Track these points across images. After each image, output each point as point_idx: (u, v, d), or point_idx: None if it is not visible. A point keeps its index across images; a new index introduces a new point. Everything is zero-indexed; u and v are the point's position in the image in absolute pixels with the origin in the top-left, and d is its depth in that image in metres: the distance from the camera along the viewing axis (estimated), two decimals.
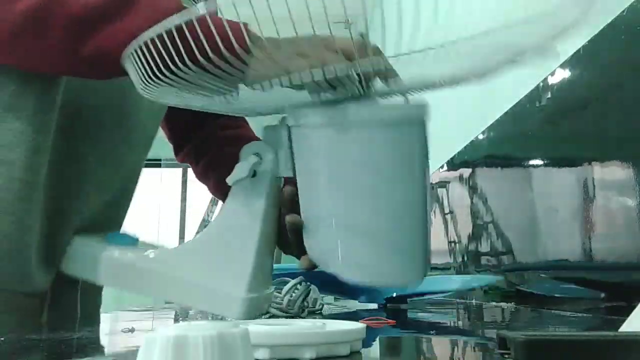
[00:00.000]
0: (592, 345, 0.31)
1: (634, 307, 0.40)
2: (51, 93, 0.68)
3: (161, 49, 0.50)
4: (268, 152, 0.66)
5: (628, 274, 0.71)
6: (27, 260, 0.66)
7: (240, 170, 0.64)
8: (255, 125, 0.84)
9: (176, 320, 0.87)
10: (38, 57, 0.62)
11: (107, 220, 0.79)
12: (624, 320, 0.40)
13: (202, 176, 0.94)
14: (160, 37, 0.49)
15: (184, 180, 6.44)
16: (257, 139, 0.77)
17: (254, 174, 0.66)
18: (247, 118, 0.94)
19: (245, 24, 0.53)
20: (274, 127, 0.66)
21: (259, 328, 0.39)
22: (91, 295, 0.82)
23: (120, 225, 0.84)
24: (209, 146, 0.92)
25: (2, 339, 0.54)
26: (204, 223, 4.71)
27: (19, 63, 0.65)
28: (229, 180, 0.64)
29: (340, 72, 0.54)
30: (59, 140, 0.70)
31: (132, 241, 0.73)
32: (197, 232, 3.51)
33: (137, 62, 0.51)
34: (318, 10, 0.50)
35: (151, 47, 0.49)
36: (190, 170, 0.98)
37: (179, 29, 0.49)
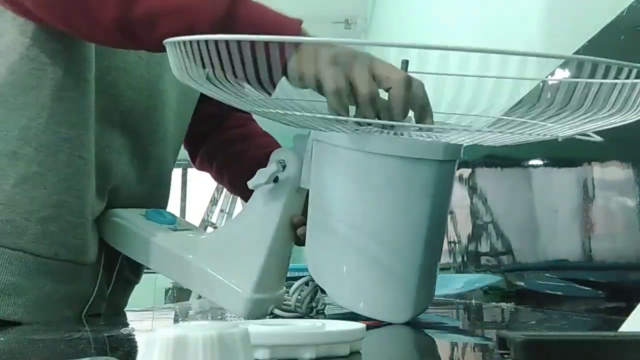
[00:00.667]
0: (592, 345, 0.31)
1: (634, 307, 0.40)
2: (91, 73, 0.71)
3: (202, 52, 0.50)
4: (293, 160, 0.67)
5: (628, 274, 0.71)
6: (85, 233, 0.70)
7: (259, 177, 0.66)
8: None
9: (176, 320, 0.87)
10: (90, 19, 0.62)
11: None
12: (624, 320, 0.40)
13: (217, 177, 0.98)
14: (206, 42, 0.49)
15: (184, 180, 6.44)
16: (266, 133, 0.77)
17: (276, 180, 0.67)
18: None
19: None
20: (303, 137, 0.67)
21: (258, 328, 0.39)
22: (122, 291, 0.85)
23: None
24: (219, 148, 0.96)
25: (2, 339, 0.54)
26: (204, 223, 4.71)
27: (74, 27, 0.65)
28: (250, 184, 0.67)
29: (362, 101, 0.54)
30: (95, 124, 0.73)
31: (169, 220, 0.77)
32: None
33: (179, 52, 0.52)
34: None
35: (195, 48, 0.49)
36: (190, 171, 1.00)
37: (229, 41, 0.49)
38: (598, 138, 0.58)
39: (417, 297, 0.62)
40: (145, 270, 0.80)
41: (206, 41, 0.48)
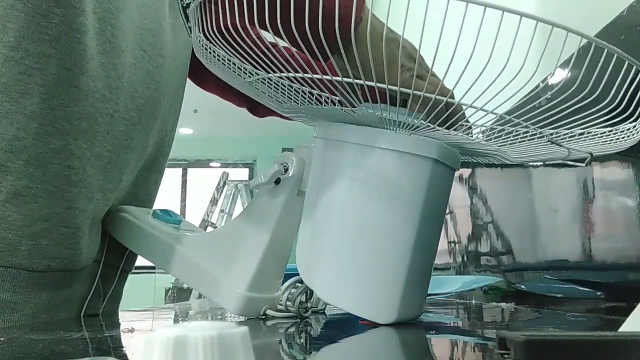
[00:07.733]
0: (592, 345, 0.31)
1: (634, 307, 0.40)
2: (81, 78, 0.68)
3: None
4: (296, 163, 0.69)
5: (628, 274, 0.71)
6: (78, 242, 0.69)
7: (260, 177, 0.68)
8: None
9: (176, 320, 0.87)
10: None
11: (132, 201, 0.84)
12: (624, 320, 0.40)
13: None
14: None
15: (184, 180, 6.44)
16: None
17: (277, 181, 0.68)
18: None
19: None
20: (306, 146, 0.69)
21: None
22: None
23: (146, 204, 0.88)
24: None
25: (2, 339, 0.54)
26: (204, 223, 4.72)
27: None
28: (250, 184, 0.68)
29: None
30: (116, 126, 0.73)
31: (175, 219, 0.80)
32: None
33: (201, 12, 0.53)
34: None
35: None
36: (190, 171, 1.00)
37: None
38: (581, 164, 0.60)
39: (403, 299, 0.62)
40: (145, 270, 0.81)
41: None
